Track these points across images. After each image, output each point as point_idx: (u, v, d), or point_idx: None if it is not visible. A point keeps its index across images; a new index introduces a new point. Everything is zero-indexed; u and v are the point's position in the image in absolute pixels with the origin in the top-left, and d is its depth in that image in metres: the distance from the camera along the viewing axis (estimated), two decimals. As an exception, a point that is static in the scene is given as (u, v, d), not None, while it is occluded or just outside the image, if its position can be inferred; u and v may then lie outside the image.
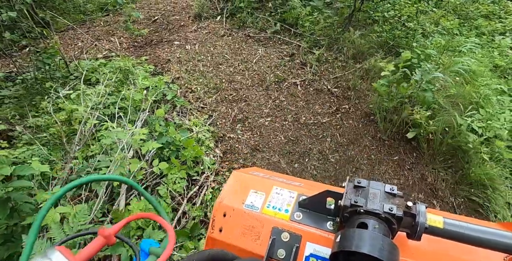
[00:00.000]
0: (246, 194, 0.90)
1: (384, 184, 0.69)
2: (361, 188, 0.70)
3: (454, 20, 4.02)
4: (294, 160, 2.76)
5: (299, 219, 0.81)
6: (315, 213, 0.81)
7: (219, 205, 0.90)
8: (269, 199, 0.88)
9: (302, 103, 3.45)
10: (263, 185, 0.92)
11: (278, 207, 0.85)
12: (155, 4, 6.33)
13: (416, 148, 2.66)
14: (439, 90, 2.65)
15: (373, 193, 0.68)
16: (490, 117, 2.44)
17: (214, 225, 0.88)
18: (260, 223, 0.82)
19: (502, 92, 2.73)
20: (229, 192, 0.92)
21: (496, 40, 3.80)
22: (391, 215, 0.63)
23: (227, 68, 4.10)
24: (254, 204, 0.87)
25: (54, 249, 0.47)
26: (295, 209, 0.83)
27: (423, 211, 0.62)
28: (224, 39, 4.78)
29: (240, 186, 0.93)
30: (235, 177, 0.96)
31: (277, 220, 0.81)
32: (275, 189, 0.90)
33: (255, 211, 0.85)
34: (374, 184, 0.70)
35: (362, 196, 0.68)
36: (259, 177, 0.95)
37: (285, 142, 2.95)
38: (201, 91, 3.69)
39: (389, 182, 2.45)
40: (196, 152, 2.52)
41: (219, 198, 0.91)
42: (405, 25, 3.86)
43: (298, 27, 4.55)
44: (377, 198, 0.67)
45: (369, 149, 2.77)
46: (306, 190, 0.87)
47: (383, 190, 0.68)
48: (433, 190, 2.37)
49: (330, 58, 3.97)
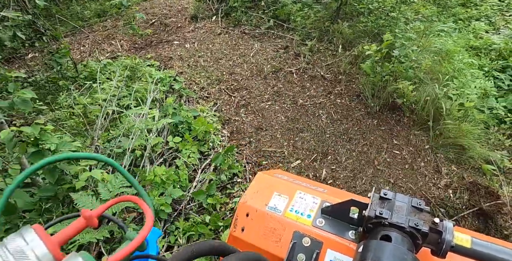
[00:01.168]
0: (270, 196, 0.94)
1: (411, 197, 0.72)
2: (386, 200, 0.73)
3: (433, 9, 4.55)
4: (295, 135, 3.21)
5: (321, 225, 0.84)
6: (337, 221, 0.84)
7: (242, 205, 0.95)
8: (292, 203, 0.92)
9: (298, 88, 3.91)
10: (287, 188, 0.96)
11: (301, 212, 0.89)
12: (150, 8, 6.82)
13: (401, 118, 3.13)
14: (419, 67, 3.12)
15: (398, 206, 0.70)
16: (463, 85, 2.92)
17: (237, 224, 0.93)
18: (282, 226, 0.86)
19: (474, 65, 3.22)
20: (253, 193, 0.97)
21: (472, 25, 4.33)
22: (416, 230, 0.64)
23: (226, 62, 4.57)
24: (277, 206, 0.91)
25: (29, 228, 0.45)
26: (318, 215, 0.87)
27: (450, 228, 0.63)
28: (221, 37, 5.27)
29: (264, 188, 0.97)
30: (259, 179, 1.02)
31: (299, 225, 0.85)
32: (298, 193, 0.94)
33: (277, 213, 0.89)
34: (400, 197, 0.73)
35: (388, 208, 0.70)
36: (283, 180, 1.00)
37: (286, 121, 3.40)
38: (204, 83, 4.14)
39: (387, 150, 2.90)
40: (206, 127, 2.96)
41: (243, 199, 0.96)
42: (388, 15, 4.37)
43: (290, 22, 5.05)
44: (403, 212, 0.68)
45: (360, 122, 3.24)
46: (330, 197, 0.92)
47: (410, 204, 0.70)
48: (417, 150, 2.82)
49: (322, 48, 4.46)
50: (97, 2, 6.89)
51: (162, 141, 2.83)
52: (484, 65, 3.41)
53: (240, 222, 0.93)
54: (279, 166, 2.85)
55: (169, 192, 2.30)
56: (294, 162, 2.89)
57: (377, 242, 0.63)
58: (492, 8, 4.69)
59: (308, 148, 3.03)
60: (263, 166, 2.87)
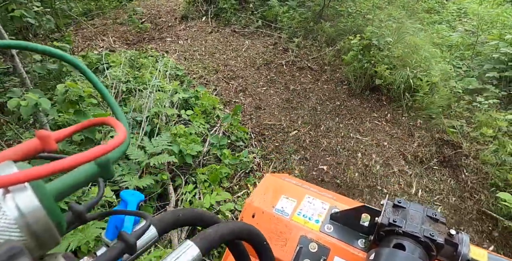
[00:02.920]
0: (277, 198, 0.96)
1: (426, 207, 0.73)
2: (400, 208, 0.74)
3: (402, 13, 5.50)
4: (290, 112, 3.86)
5: (330, 231, 0.85)
6: (346, 228, 0.85)
7: (248, 205, 0.97)
8: (300, 206, 0.93)
9: (288, 77, 4.61)
10: (295, 192, 0.99)
11: (309, 216, 0.90)
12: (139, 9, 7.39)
13: (379, 97, 3.88)
14: (393, 56, 3.91)
15: (413, 215, 0.71)
16: (428, 69, 3.72)
17: None
18: (289, 229, 0.87)
19: (437, 55, 4.07)
20: (260, 194, 0.99)
21: (435, 27, 5.28)
22: (431, 240, 0.66)
23: (220, 56, 5.20)
24: (285, 209, 0.93)
25: None
26: (326, 221, 0.88)
27: (467, 241, 0.65)
28: (213, 34, 5.92)
29: (271, 189, 0.99)
30: (267, 181, 1.04)
31: (306, 229, 0.86)
32: (307, 197, 0.96)
33: (284, 216, 0.91)
34: (414, 206, 0.74)
35: (401, 216, 0.71)
36: (292, 184, 1.03)
37: (280, 102, 4.05)
38: (202, 72, 4.74)
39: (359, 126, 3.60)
40: (211, 101, 3.55)
41: (249, 199, 0.98)
42: (365, 17, 5.24)
43: (278, 22, 5.82)
44: (417, 221, 0.70)
45: (345, 102, 3.95)
46: (339, 204, 0.93)
47: (425, 213, 0.72)
48: (395, 121, 3.55)
49: (307, 44, 5.23)
50: (82, 1, 7.38)
51: (176, 113, 3.37)
52: (446, 57, 4.28)
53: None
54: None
55: (191, 147, 2.84)
56: (292, 132, 3.52)
57: (390, 250, 0.65)
58: (451, 14, 5.72)
59: (302, 121, 3.68)
60: (266, 136, 3.47)
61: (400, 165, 3.02)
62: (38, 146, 0.38)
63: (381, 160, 3.09)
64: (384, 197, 2.73)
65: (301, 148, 3.30)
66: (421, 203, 2.67)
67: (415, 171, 2.95)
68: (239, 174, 2.96)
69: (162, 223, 0.52)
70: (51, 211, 0.31)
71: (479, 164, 2.86)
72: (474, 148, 3.01)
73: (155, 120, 3.20)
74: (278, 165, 3.12)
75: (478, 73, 3.90)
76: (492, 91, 3.48)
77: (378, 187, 2.82)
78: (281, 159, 3.18)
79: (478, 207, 2.59)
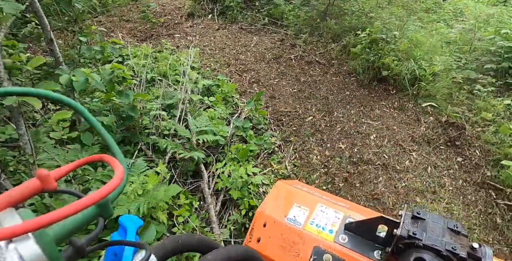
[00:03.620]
0: (289, 207, 0.96)
1: (446, 219, 0.74)
2: (420, 219, 0.75)
3: (402, 12, 5.92)
4: (303, 101, 4.19)
5: (344, 242, 0.86)
6: (362, 239, 0.86)
7: (260, 214, 0.97)
8: (313, 216, 0.94)
9: (298, 70, 4.95)
10: (307, 200, 0.99)
11: (322, 226, 0.91)
12: (143, 7, 7.67)
13: (387, 87, 4.25)
14: (398, 49, 4.29)
15: (433, 227, 0.72)
16: (431, 60, 4.11)
17: (253, 234, 0.95)
18: (302, 239, 0.88)
19: (439, 49, 4.47)
20: (271, 202, 0.99)
21: (434, 25, 5.72)
22: (453, 254, 0.65)
23: (230, 51, 5.52)
24: (297, 219, 0.93)
25: None
26: (341, 231, 0.89)
27: (490, 255, 0.65)
28: (220, 31, 6.25)
29: (283, 198, 1.00)
30: (279, 188, 1.05)
31: (320, 240, 0.87)
32: (319, 206, 0.97)
33: (297, 226, 0.91)
34: (435, 217, 0.75)
35: (421, 228, 0.72)
36: (303, 192, 1.03)
37: (293, 92, 4.39)
38: (215, 66, 5.04)
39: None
40: (230, 87, 3.87)
41: (261, 207, 0.99)
42: (367, 15, 5.64)
43: (283, 20, 6.18)
44: (438, 233, 0.70)
45: (354, 92, 4.31)
46: (353, 213, 0.94)
47: (445, 225, 0.72)
48: (402, 108, 3.92)
49: (314, 40, 5.59)
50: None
51: (200, 99, 3.67)
52: (445, 52, 4.69)
53: (256, 232, 0.95)
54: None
55: (220, 128, 3.14)
56: (307, 118, 3.85)
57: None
58: (448, 14, 6.18)
59: (316, 109, 4.01)
60: (283, 121, 3.79)
61: (410, 145, 3.37)
62: (38, 186, 0.39)
63: (392, 141, 3.43)
64: (397, 176, 3.07)
65: (318, 131, 3.63)
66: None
67: (424, 150, 3.30)
68: (263, 154, 3.27)
69: (162, 251, 0.54)
70: (52, 257, 0.33)
71: (481, 143, 3.24)
72: (476, 130, 3.39)
73: (182, 105, 3.48)
74: (298, 146, 3.43)
75: (476, 66, 4.31)
76: (489, 81, 3.88)
77: (391, 164, 3.16)
78: (300, 141, 3.50)
79: (483, 179, 2.95)
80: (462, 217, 2.67)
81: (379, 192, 2.88)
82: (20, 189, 0.38)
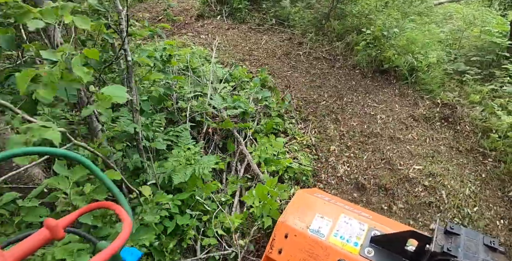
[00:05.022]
0: (312, 217, 1.01)
1: (482, 234, 0.76)
2: (453, 234, 0.76)
3: (398, 15, 6.81)
4: (315, 89, 4.94)
5: (370, 255, 0.88)
6: (388, 252, 0.87)
7: (281, 225, 1.01)
8: (337, 227, 0.98)
9: (307, 64, 5.72)
10: (330, 210, 1.03)
11: (347, 238, 0.94)
12: (152, 8, 8.40)
13: (388, 77, 5.05)
14: (398, 45, 5.11)
15: (469, 243, 0.72)
16: (426, 54, 4.94)
17: (274, 245, 0.99)
18: (325, 252, 0.90)
19: (431, 46, 5.33)
20: (293, 212, 1.04)
21: (426, 27, 6.61)
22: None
23: (243, 48, 6.28)
24: (320, 230, 0.97)
25: None
26: (366, 244, 0.92)
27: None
28: (231, 31, 7.00)
29: (305, 207, 1.04)
30: (299, 197, 1.10)
31: (344, 253, 0.89)
32: (343, 217, 1.00)
33: (321, 238, 0.94)
34: (470, 233, 0.76)
35: (455, 244, 0.72)
36: (325, 201, 1.09)
37: (305, 82, 5.15)
38: (231, 61, 5.77)
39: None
40: (247, 75, 4.60)
41: (282, 217, 1.04)
42: (367, 17, 6.49)
43: (290, 21, 6.99)
44: (474, 250, 0.70)
45: (359, 82, 5.10)
46: (378, 224, 0.98)
47: (481, 242, 0.72)
48: (402, 94, 4.71)
49: (319, 39, 6.40)
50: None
51: (224, 87, 4.38)
52: (437, 48, 5.55)
53: (278, 243, 0.97)
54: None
55: (245, 106, 3.85)
56: (321, 102, 4.60)
57: None
58: (438, 17, 7.10)
59: (328, 95, 4.77)
60: (300, 105, 4.52)
61: (411, 122, 4.14)
62: (47, 235, 0.44)
63: (396, 119, 4.20)
64: (402, 146, 3.81)
65: (332, 112, 4.38)
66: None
67: (423, 126, 4.08)
68: (287, 124, 3.98)
69: None
70: None
71: (470, 119, 4.04)
72: (465, 109, 4.19)
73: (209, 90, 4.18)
74: (316, 124, 4.17)
75: (464, 60, 5.16)
76: (476, 71, 4.72)
77: (396, 136, 3.92)
78: (317, 120, 4.24)
79: (471, 146, 3.73)
80: (458, 178, 3.42)
81: (388, 157, 3.63)
82: (32, 240, 0.42)
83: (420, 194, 3.19)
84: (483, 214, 3.02)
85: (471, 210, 3.04)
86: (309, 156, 3.60)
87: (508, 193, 3.16)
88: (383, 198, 3.19)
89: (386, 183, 3.29)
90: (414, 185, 3.28)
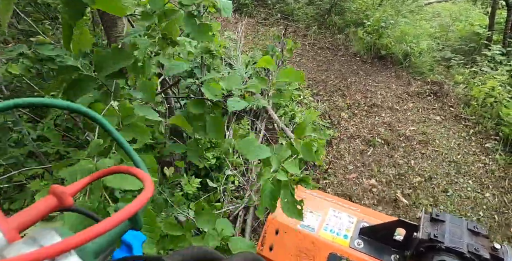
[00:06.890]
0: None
1: (465, 220, 0.79)
2: (439, 221, 0.81)
3: (392, 12, 7.93)
4: (322, 72, 5.93)
5: (360, 247, 0.92)
6: (378, 243, 0.93)
7: (271, 221, 1.05)
8: (326, 221, 1.02)
9: (312, 53, 6.73)
10: (319, 205, 1.08)
11: (337, 231, 0.98)
12: (161, 4, 9.30)
13: (385, 63, 6.09)
14: (393, 35, 6.17)
15: (453, 229, 0.77)
16: (418, 43, 6.00)
17: (265, 242, 1.02)
18: (316, 246, 0.94)
19: (422, 37, 6.41)
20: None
21: (417, 23, 7.75)
22: (476, 255, 0.70)
23: (253, 38, 7.25)
24: (310, 224, 1.01)
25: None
26: (356, 236, 0.96)
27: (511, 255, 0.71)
28: (239, 24, 7.96)
29: None
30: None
31: (335, 246, 0.93)
32: (332, 211, 1.05)
33: (311, 232, 0.99)
34: (454, 219, 0.81)
35: (441, 231, 0.78)
36: (314, 197, 1.15)
37: (313, 66, 6.13)
38: (244, 49, 6.71)
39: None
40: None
41: (272, 214, 1.06)
42: (364, 13, 7.58)
43: (294, 16, 8.01)
44: (459, 235, 0.75)
45: (360, 67, 6.12)
46: (366, 217, 1.03)
47: (466, 227, 0.78)
48: (397, 76, 5.74)
49: (322, 31, 7.44)
50: None
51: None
52: (427, 40, 6.64)
53: (269, 240, 1.02)
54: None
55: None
56: (329, 82, 5.58)
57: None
58: (428, 15, 8.25)
59: (334, 76, 5.77)
60: (311, 85, 5.48)
61: (405, 97, 5.16)
62: (54, 203, 0.42)
63: (393, 95, 5.21)
64: (398, 114, 4.79)
65: (339, 89, 5.36)
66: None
67: (415, 99, 5.09)
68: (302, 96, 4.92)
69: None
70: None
71: (455, 94, 5.07)
72: (451, 87, 5.23)
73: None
74: (326, 97, 5.13)
75: (450, 49, 6.25)
76: (460, 58, 5.80)
77: (394, 107, 4.91)
78: (327, 95, 5.21)
79: (456, 113, 4.75)
80: (445, 136, 4.40)
81: (388, 121, 4.61)
82: (36, 208, 0.40)
83: (415, 146, 4.17)
84: (466, 160, 4.00)
85: (455, 157, 4.02)
86: (323, 120, 4.54)
87: (485, 144, 4.16)
88: (386, 149, 4.15)
89: (387, 138, 4.25)
90: (410, 140, 4.26)
